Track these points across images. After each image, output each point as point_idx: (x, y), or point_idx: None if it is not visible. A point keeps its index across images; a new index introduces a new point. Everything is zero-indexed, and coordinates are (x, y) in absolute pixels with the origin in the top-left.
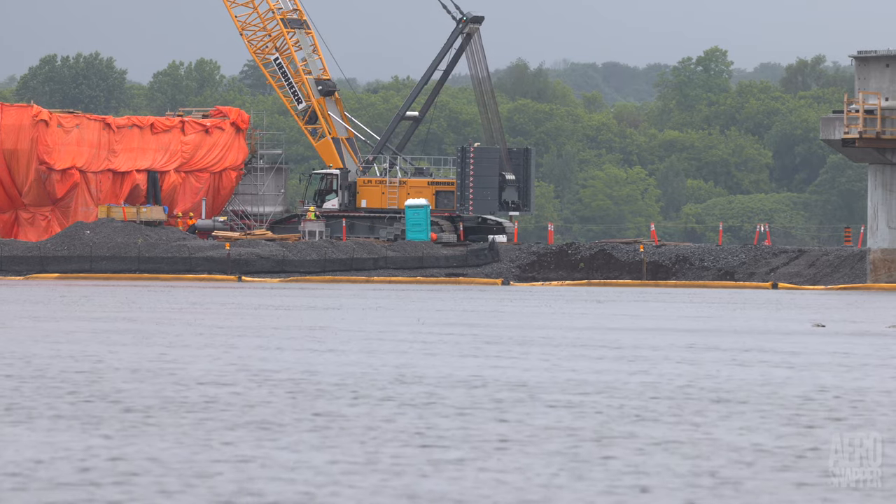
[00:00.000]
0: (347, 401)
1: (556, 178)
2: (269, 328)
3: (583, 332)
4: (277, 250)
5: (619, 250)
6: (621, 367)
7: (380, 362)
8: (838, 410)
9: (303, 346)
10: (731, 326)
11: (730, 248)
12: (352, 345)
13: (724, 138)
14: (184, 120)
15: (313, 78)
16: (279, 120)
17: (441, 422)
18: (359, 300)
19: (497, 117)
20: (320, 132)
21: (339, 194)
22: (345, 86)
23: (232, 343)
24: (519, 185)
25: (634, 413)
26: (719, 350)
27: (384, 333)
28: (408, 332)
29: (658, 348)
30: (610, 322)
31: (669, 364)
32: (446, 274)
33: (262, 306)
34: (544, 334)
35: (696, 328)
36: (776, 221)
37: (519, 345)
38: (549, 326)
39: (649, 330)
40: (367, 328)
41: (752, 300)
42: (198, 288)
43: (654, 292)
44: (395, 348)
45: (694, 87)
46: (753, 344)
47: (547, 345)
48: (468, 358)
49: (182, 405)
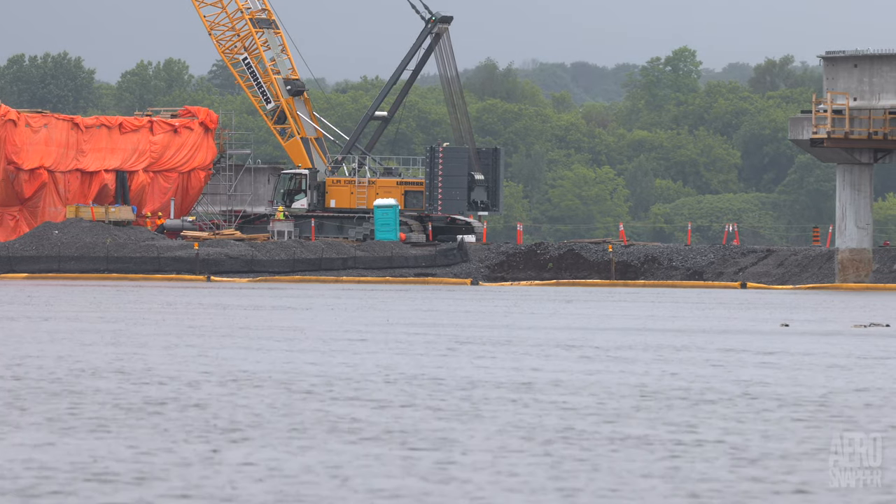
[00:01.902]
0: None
1: (524, 178)
2: (238, 328)
3: (552, 332)
4: (246, 250)
5: (587, 250)
6: (590, 366)
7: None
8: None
9: (274, 346)
10: (699, 326)
11: (698, 247)
12: (320, 344)
13: (693, 138)
14: (152, 120)
15: (282, 78)
16: (248, 120)
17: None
18: (327, 300)
19: (466, 117)
20: (289, 132)
21: (307, 194)
22: (314, 86)
23: (197, 344)
24: (488, 184)
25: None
26: (688, 350)
27: (352, 333)
28: (378, 332)
29: (628, 347)
30: (579, 321)
31: (640, 364)
32: (415, 274)
33: (232, 306)
34: (512, 334)
35: (666, 328)
36: (745, 221)
37: (487, 345)
38: (518, 326)
39: (619, 329)
40: (337, 328)
41: (721, 300)
42: (166, 288)
43: (622, 292)
44: (356, 348)
45: (662, 86)
46: (721, 343)
47: (513, 344)
48: (436, 357)
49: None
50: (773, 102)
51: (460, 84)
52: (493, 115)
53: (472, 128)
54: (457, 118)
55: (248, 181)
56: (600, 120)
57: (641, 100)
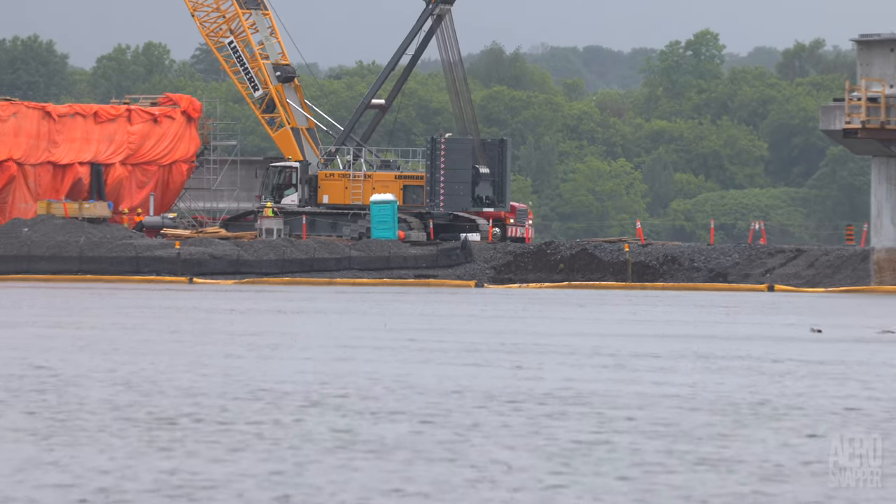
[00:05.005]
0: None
1: (533, 172)
2: (222, 334)
3: (563, 337)
4: (232, 250)
5: (602, 250)
6: (606, 375)
7: (345, 370)
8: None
9: (262, 353)
10: (727, 332)
11: (722, 247)
12: (314, 352)
13: (716, 128)
14: (130, 108)
15: (271, 63)
16: (234, 108)
17: None
18: (320, 303)
19: (470, 106)
20: (278, 122)
21: (298, 189)
22: (305, 72)
23: (180, 350)
24: (494, 179)
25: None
26: (710, 358)
27: (346, 339)
28: (372, 339)
29: (644, 356)
30: (593, 327)
31: (654, 373)
32: (415, 275)
33: (215, 310)
34: (519, 340)
35: (687, 333)
36: (772, 218)
37: (491, 352)
38: (526, 332)
39: (636, 336)
40: (330, 334)
41: (747, 303)
42: (145, 290)
43: (640, 295)
44: (357, 356)
45: (683, 73)
46: (747, 350)
47: (521, 352)
48: (438, 366)
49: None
50: (802, 90)
51: (464, 70)
52: (500, 104)
53: (476, 117)
54: (460, 107)
55: (234, 175)
56: (615, 109)
57: (660, 87)
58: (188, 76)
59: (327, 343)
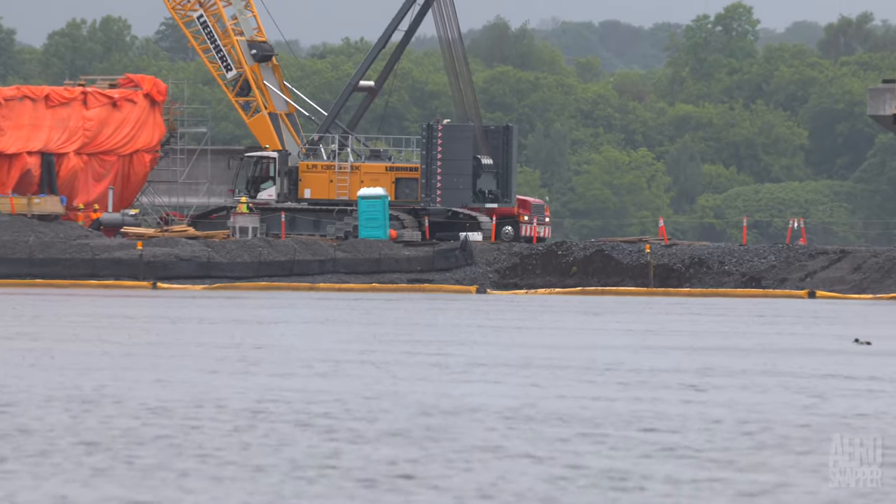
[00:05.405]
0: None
1: (543, 163)
2: (190, 346)
3: (577, 351)
4: (201, 251)
5: (619, 251)
6: (628, 393)
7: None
8: None
9: (232, 369)
10: (758, 344)
11: (756, 248)
12: (294, 367)
13: (749, 114)
14: (86, 91)
15: (245, 40)
16: (204, 91)
17: None
18: (301, 311)
19: (471, 88)
20: (254, 106)
21: (276, 182)
22: (285, 50)
23: (142, 365)
24: (498, 170)
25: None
26: (744, 374)
27: (331, 353)
28: (358, 353)
29: (670, 371)
30: (610, 339)
31: (680, 391)
32: (409, 280)
33: (183, 319)
34: (526, 354)
35: (717, 346)
36: (813, 215)
37: (492, 368)
38: (534, 345)
39: (659, 349)
40: (313, 346)
41: (785, 312)
42: (102, 297)
43: (663, 302)
44: (342, 371)
45: (712, 51)
46: (786, 366)
47: (529, 367)
48: (429, 382)
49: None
50: (847, 70)
51: (464, 48)
52: (505, 86)
53: (478, 101)
54: (460, 89)
55: (204, 166)
56: (635, 91)
57: (686, 67)
58: (152, 55)
59: (310, 357)
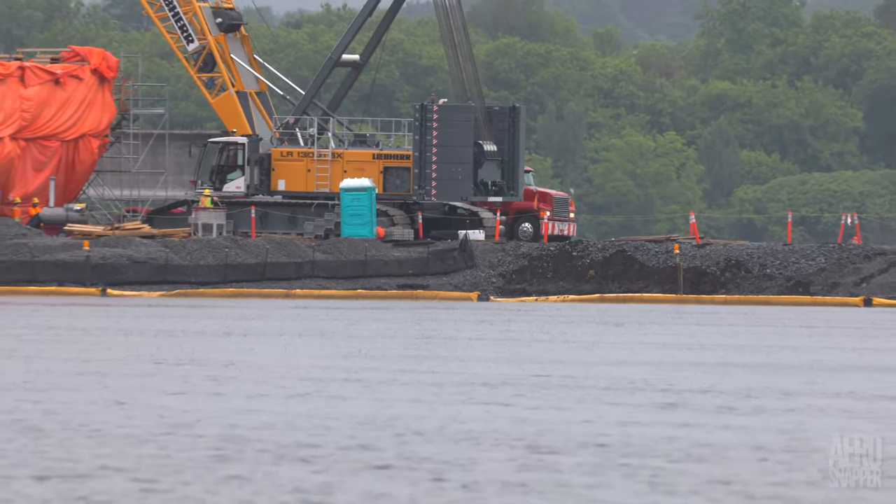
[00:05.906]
0: None
1: (555, 150)
2: (146, 362)
3: (596, 367)
4: (158, 252)
5: (644, 252)
6: (658, 417)
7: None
8: None
9: (201, 389)
10: (807, 360)
11: (803, 248)
12: (267, 387)
13: (795, 92)
14: (24, 66)
15: (210, 7)
16: (161, 67)
17: None
18: (275, 322)
19: (471, 63)
20: (219, 84)
21: (245, 172)
22: (255, 18)
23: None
24: (503, 158)
25: None
26: (791, 395)
27: (311, 370)
28: (341, 370)
29: (704, 391)
30: (634, 354)
31: (720, 415)
32: (399, 285)
33: (137, 331)
34: (541, 371)
35: (758, 362)
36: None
37: (493, 387)
38: (547, 359)
39: (691, 365)
40: (289, 363)
41: (837, 322)
42: (43, 305)
43: (695, 311)
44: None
45: (751, 19)
46: (840, 385)
47: (544, 387)
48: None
49: None
50: None
51: (463, 16)
52: (511, 60)
53: (480, 78)
54: (458, 64)
55: (162, 154)
56: (663, 67)
57: (721, 38)
58: (101, 23)
59: (286, 374)
